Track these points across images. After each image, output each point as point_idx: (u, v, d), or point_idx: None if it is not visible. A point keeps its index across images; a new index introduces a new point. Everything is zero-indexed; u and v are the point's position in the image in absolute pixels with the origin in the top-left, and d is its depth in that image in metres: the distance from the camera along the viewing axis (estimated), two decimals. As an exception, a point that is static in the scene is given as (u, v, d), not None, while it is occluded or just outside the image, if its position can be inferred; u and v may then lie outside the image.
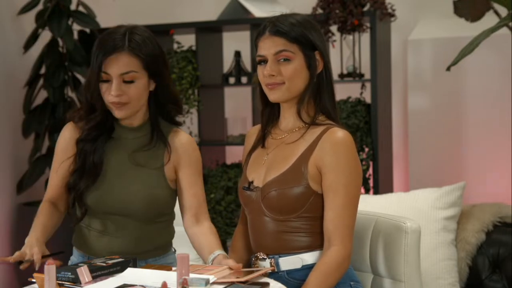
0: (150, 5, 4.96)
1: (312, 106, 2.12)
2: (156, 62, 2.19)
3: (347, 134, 2.05)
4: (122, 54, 2.14)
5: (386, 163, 4.12)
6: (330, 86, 2.12)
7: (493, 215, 3.28)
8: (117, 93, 2.14)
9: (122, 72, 2.14)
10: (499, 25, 3.07)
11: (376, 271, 2.21)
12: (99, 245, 2.25)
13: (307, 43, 2.07)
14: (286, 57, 2.06)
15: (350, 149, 2.03)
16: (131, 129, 2.26)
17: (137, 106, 2.20)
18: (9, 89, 4.40)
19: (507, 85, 4.03)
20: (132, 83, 2.15)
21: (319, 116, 2.11)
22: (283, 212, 2.05)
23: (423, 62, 4.29)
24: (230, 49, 4.45)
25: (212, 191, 4.20)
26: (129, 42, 2.15)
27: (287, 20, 2.08)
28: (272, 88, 2.08)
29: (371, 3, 3.94)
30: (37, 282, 1.86)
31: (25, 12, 4.30)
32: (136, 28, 2.21)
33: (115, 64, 2.14)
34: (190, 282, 1.78)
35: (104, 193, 2.21)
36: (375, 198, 3.40)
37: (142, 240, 2.24)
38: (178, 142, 2.25)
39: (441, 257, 3.17)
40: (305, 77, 2.08)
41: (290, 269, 2.07)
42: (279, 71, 2.06)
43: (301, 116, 2.11)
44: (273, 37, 2.07)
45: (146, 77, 2.19)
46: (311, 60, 2.07)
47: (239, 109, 4.65)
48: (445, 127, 4.23)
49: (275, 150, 2.13)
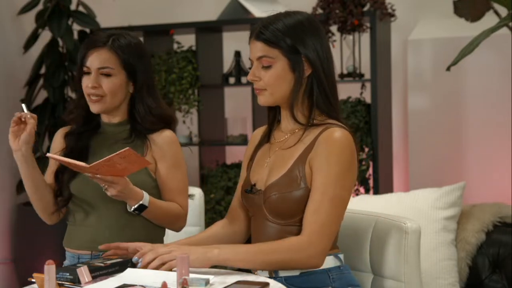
0: (150, 5, 4.96)
1: (307, 106, 2.09)
2: (135, 64, 2.30)
3: (345, 133, 2.03)
4: (102, 50, 2.28)
5: (386, 163, 4.12)
6: (322, 86, 2.06)
7: (493, 215, 3.28)
8: (93, 85, 2.27)
9: (100, 66, 2.27)
10: (499, 25, 3.07)
11: (376, 271, 2.21)
12: (85, 237, 2.32)
13: (290, 48, 2.03)
14: (267, 63, 2.04)
15: (343, 149, 2.00)
16: (111, 125, 2.37)
17: (112, 102, 2.29)
18: (9, 89, 4.40)
19: (507, 85, 4.03)
20: (109, 77, 2.28)
21: (317, 117, 2.09)
22: (284, 216, 2.04)
23: (423, 62, 4.29)
24: (230, 49, 4.45)
25: (212, 191, 4.20)
26: (112, 41, 2.29)
27: (272, 24, 2.05)
28: (258, 93, 2.09)
29: (371, 3, 3.94)
30: (37, 282, 1.86)
31: (25, 12, 4.30)
32: (126, 33, 2.34)
33: (95, 58, 2.28)
34: (190, 282, 1.78)
35: (85, 181, 2.27)
36: (375, 198, 3.40)
37: (126, 231, 2.29)
38: (158, 136, 2.34)
39: (441, 257, 3.17)
40: (290, 80, 2.05)
41: (288, 275, 2.05)
42: (260, 76, 2.06)
43: (297, 117, 2.09)
44: (256, 42, 2.06)
45: (124, 76, 2.30)
46: (296, 64, 2.04)
47: (239, 109, 4.65)
48: (445, 127, 4.23)
49: (276, 152, 2.12)
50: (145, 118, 2.32)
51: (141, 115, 2.32)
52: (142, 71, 2.32)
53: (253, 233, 2.16)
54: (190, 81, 4.28)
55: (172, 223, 2.35)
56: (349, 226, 2.26)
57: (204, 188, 4.20)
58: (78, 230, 2.35)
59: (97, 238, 2.29)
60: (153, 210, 2.26)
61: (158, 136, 2.33)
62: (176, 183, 2.34)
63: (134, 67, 2.30)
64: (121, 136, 2.34)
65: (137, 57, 2.31)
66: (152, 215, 2.28)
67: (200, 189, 3.38)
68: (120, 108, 2.35)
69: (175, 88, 4.27)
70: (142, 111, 2.32)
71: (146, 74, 2.33)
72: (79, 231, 2.34)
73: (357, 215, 2.27)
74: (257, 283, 1.84)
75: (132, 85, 2.32)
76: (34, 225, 4.23)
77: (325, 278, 2.03)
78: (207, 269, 2.06)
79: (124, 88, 2.31)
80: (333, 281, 2.03)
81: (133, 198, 2.21)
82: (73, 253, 2.36)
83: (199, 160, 4.37)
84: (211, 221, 4.13)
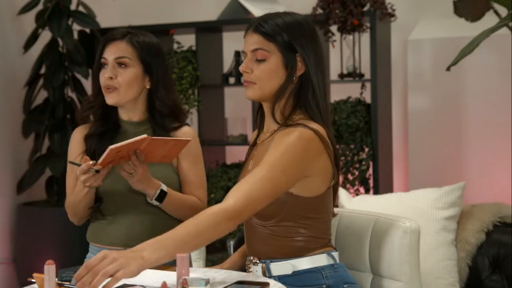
0: (150, 5, 4.96)
1: (290, 106, 2.07)
2: (152, 60, 2.32)
3: (306, 132, 1.98)
4: (120, 42, 2.32)
5: (386, 163, 4.13)
6: (313, 87, 2.05)
7: (493, 215, 3.28)
8: (109, 75, 2.29)
9: (116, 56, 2.30)
10: (499, 25, 3.07)
11: (376, 271, 2.21)
12: (115, 234, 2.33)
13: (286, 44, 2.03)
14: (261, 56, 2.04)
15: (295, 142, 1.95)
16: (131, 123, 2.37)
17: (126, 93, 2.30)
18: (9, 89, 4.40)
19: (507, 85, 4.03)
20: (125, 67, 2.30)
21: (297, 116, 2.06)
22: (266, 217, 2.03)
23: (423, 62, 4.29)
24: (230, 49, 4.45)
25: (212, 191, 4.21)
26: (131, 36, 2.32)
27: (271, 19, 2.06)
28: (246, 85, 2.08)
29: (371, 3, 3.94)
30: (37, 282, 1.86)
31: (25, 12, 4.30)
32: (146, 33, 2.38)
33: (112, 49, 2.31)
34: (190, 282, 1.78)
35: (114, 182, 2.29)
36: (375, 198, 3.40)
37: (156, 230, 2.25)
38: (180, 133, 2.37)
39: (441, 257, 3.17)
40: (282, 76, 2.04)
41: (281, 274, 2.05)
42: (253, 69, 2.06)
43: (275, 115, 2.07)
44: (253, 34, 2.07)
45: (141, 69, 2.32)
46: (289, 61, 2.04)
47: (239, 109, 4.65)
48: (445, 127, 4.23)
49: (256, 154, 2.13)
50: (164, 116, 2.35)
51: (160, 112, 2.34)
52: (158, 67, 2.34)
53: (245, 234, 2.17)
54: (190, 81, 4.28)
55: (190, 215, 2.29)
56: (348, 226, 2.26)
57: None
58: (109, 227, 2.35)
59: (130, 234, 2.31)
60: (172, 200, 2.28)
61: (179, 132, 2.36)
62: (195, 177, 2.38)
63: (151, 63, 2.32)
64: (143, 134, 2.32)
65: (154, 54, 2.34)
66: (172, 206, 2.29)
67: (200, 189, 3.38)
68: (138, 105, 2.35)
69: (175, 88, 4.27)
70: (161, 108, 2.34)
71: (163, 71, 2.35)
72: (110, 227, 2.34)
73: (356, 215, 2.27)
74: (257, 283, 1.84)
75: (148, 80, 2.33)
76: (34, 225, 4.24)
77: (318, 276, 2.03)
78: (207, 269, 2.06)
79: (140, 81, 2.32)
80: (326, 279, 2.03)
81: (152, 187, 2.22)
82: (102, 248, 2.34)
83: (199, 160, 4.37)
84: (211, 221, 4.13)
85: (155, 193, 2.24)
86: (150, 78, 2.33)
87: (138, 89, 2.33)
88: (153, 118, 2.36)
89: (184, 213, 2.31)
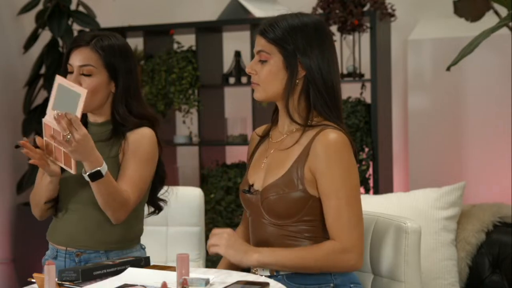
0: (150, 5, 4.96)
1: (304, 107, 2.11)
2: (117, 65, 2.30)
3: (340, 135, 2.03)
4: (84, 48, 2.29)
5: (386, 163, 4.13)
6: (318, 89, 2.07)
7: (493, 215, 3.29)
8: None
9: (81, 64, 2.28)
10: (499, 25, 3.07)
11: (376, 271, 2.21)
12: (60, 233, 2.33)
13: (286, 47, 2.06)
14: (264, 57, 2.09)
15: (341, 151, 2.02)
16: (96, 125, 2.37)
17: (91, 101, 2.27)
18: (9, 89, 4.40)
19: (507, 85, 4.03)
20: (89, 76, 2.28)
21: (314, 118, 2.09)
22: (282, 216, 2.05)
23: (423, 62, 4.29)
24: (230, 49, 4.45)
25: (212, 191, 4.20)
26: (95, 41, 2.30)
27: (276, 22, 2.09)
28: (253, 87, 2.13)
29: (371, 3, 3.94)
30: (37, 282, 1.86)
31: (25, 12, 4.30)
32: (112, 35, 2.35)
33: (77, 55, 2.29)
34: (190, 282, 1.78)
35: (67, 181, 2.29)
36: (375, 198, 3.40)
37: (100, 228, 2.28)
38: (132, 133, 2.32)
39: (441, 257, 3.17)
40: (282, 78, 2.08)
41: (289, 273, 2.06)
42: (257, 70, 2.10)
43: (293, 116, 2.10)
44: (258, 36, 2.11)
45: (105, 76, 2.30)
46: (290, 64, 2.07)
47: (239, 109, 4.65)
48: (445, 127, 4.23)
49: (273, 153, 2.13)
50: (126, 119, 2.32)
51: (121, 116, 2.32)
52: (124, 72, 2.32)
53: (251, 233, 2.17)
54: (190, 81, 4.28)
55: (116, 209, 2.24)
56: (349, 226, 2.25)
57: (204, 188, 4.20)
58: (57, 225, 2.36)
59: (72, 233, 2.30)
60: (106, 184, 2.18)
61: (133, 132, 2.32)
62: (128, 171, 2.28)
63: (116, 68, 2.30)
64: (103, 136, 2.33)
65: (120, 58, 2.32)
66: (103, 189, 2.19)
67: (200, 189, 3.39)
68: (104, 108, 2.35)
69: (175, 88, 4.27)
70: (121, 112, 2.32)
71: (128, 75, 2.33)
72: (57, 226, 2.35)
73: (357, 215, 2.27)
74: (257, 283, 1.84)
75: (114, 85, 2.32)
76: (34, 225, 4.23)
77: (327, 275, 2.04)
78: (207, 269, 2.06)
79: (105, 88, 2.31)
80: (334, 278, 2.05)
81: (92, 160, 2.14)
82: (53, 247, 2.37)
83: (199, 160, 4.37)
84: (211, 221, 4.13)
85: (91, 170, 2.15)
86: (115, 83, 2.32)
87: (103, 96, 2.31)
88: (115, 120, 2.34)
89: (110, 202, 2.22)
